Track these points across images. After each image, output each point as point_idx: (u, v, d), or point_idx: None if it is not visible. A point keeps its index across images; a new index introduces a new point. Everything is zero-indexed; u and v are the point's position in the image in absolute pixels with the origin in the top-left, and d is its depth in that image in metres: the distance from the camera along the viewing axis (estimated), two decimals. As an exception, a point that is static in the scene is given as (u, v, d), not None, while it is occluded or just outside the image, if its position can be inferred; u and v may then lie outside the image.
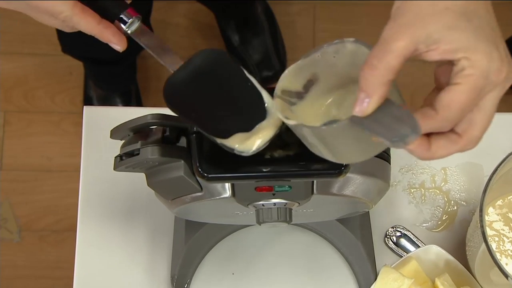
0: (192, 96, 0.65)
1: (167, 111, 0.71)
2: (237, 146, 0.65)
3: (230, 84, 0.66)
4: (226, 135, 0.65)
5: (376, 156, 0.74)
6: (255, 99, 0.65)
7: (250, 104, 0.65)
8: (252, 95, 0.65)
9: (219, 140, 0.65)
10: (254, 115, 0.65)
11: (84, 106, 0.99)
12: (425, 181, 0.95)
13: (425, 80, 1.60)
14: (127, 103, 1.69)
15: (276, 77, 0.65)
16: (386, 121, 0.56)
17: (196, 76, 0.65)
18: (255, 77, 0.67)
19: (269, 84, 0.72)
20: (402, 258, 0.90)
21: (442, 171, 0.95)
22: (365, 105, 0.55)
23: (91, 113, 0.98)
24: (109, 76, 1.66)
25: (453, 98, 0.56)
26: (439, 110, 0.56)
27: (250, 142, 0.65)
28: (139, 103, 1.71)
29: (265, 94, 0.65)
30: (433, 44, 0.56)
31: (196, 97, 0.65)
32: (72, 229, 1.03)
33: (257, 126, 0.65)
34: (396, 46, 0.55)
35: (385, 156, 0.76)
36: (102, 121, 0.95)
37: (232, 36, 1.70)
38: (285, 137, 0.72)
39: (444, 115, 0.57)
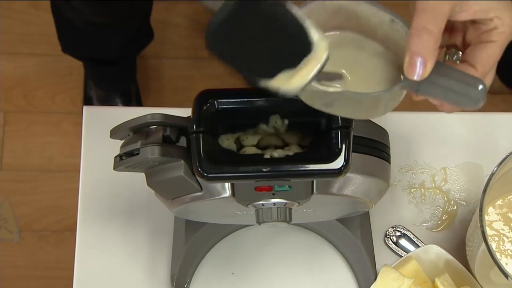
0: (234, 37, 0.60)
1: (167, 110, 0.71)
2: (282, 85, 0.61)
3: (272, 18, 0.60)
4: (272, 75, 0.60)
5: (376, 156, 0.74)
6: (299, 31, 0.60)
7: (295, 38, 0.60)
8: (296, 27, 0.60)
9: (264, 82, 0.60)
10: (300, 49, 0.60)
11: (84, 106, 0.98)
12: (425, 181, 0.95)
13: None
14: (127, 103, 1.69)
15: None
16: (448, 84, 0.59)
17: (235, 15, 0.60)
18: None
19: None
20: (402, 258, 0.90)
21: (442, 171, 0.95)
22: (421, 69, 0.58)
23: (91, 113, 0.98)
24: (109, 76, 1.66)
25: (490, 54, 0.62)
26: (479, 66, 0.61)
27: (296, 79, 0.61)
28: (139, 103, 1.71)
29: (308, 24, 0.60)
30: (465, 5, 0.60)
31: (237, 38, 0.60)
32: (72, 229, 1.03)
33: (303, 61, 0.60)
34: (444, 10, 0.59)
35: (385, 156, 0.76)
36: (102, 121, 0.95)
37: (232, 35, 1.70)
38: (285, 137, 0.72)
39: (482, 70, 0.62)
